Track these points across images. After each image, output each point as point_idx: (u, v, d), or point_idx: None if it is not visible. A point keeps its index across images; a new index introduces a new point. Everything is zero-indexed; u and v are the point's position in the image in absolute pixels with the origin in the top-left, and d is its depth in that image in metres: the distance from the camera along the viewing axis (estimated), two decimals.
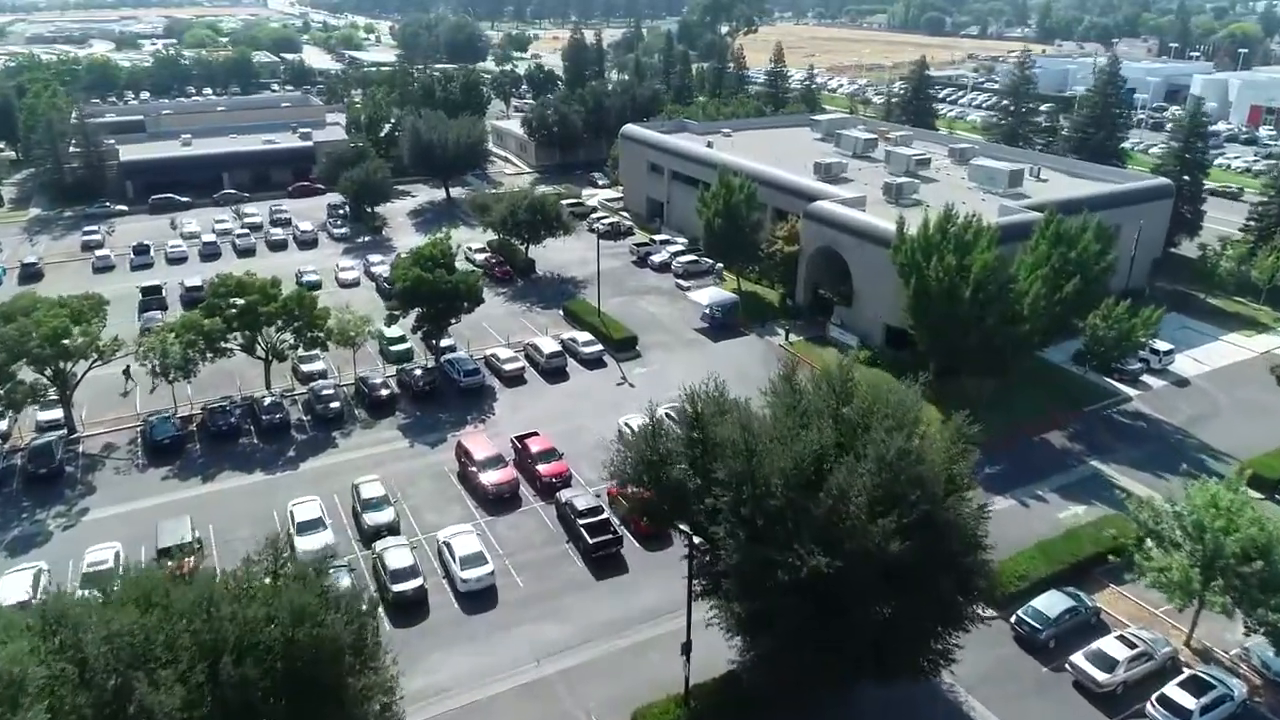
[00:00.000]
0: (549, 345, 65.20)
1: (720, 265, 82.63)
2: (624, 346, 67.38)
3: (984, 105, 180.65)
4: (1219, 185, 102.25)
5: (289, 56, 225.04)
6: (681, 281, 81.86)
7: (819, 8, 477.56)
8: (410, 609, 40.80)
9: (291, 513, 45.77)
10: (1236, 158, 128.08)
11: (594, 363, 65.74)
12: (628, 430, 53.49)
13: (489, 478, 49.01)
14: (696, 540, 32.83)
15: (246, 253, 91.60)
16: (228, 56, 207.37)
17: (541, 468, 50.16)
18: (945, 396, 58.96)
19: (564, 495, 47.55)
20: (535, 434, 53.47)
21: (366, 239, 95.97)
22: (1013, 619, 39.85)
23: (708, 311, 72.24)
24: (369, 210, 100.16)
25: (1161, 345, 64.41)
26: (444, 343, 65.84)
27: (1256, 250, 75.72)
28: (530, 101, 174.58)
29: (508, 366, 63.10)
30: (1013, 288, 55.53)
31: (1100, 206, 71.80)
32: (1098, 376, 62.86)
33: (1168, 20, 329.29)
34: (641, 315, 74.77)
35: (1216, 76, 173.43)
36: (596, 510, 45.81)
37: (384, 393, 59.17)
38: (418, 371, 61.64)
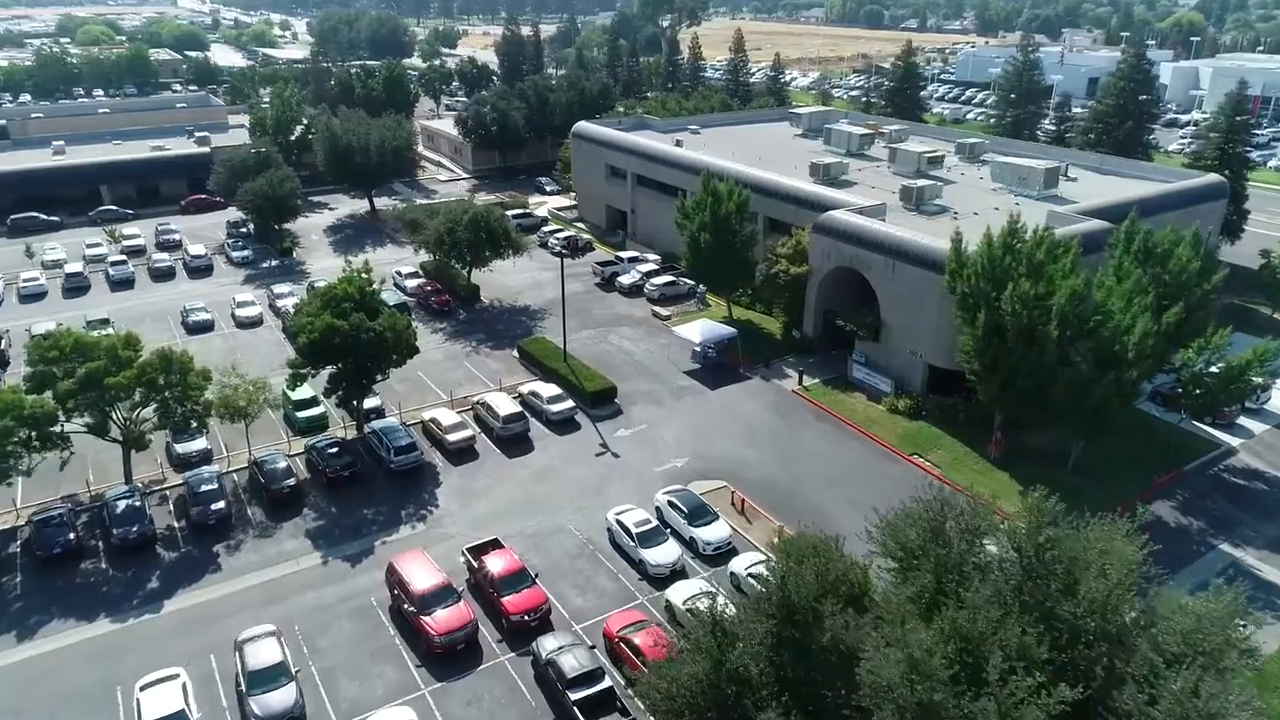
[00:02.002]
0: (505, 405, 50.71)
1: (703, 288, 69.12)
2: (601, 400, 53.34)
3: (948, 97, 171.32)
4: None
5: (194, 54, 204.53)
6: (659, 309, 68.08)
7: (754, 3, 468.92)
8: None
9: (139, 705, 30.69)
10: None
11: (564, 424, 51.54)
12: (620, 531, 39.74)
13: (436, 621, 34.48)
14: None
15: (123, 285, 74.75)
16: (121, 54, 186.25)
17: (509, 599, 35.80)
18: (1015, 459, 46.51)
19: (544, 646, 33.31)
20: (495, 544, 39.10)
21: (274, 263, 79.90)
22: None
23: (699, 349, 58.60)
24: (277, 228, 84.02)
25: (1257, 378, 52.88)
26: (367, 403, 51.00)
27: None
28: (463, 100, 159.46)
29: (453, 436, 48.49)
30: (1100, 319, 43.13)
31: (1156, 210, 60.56)
32: (1190, 423, 51.03)
33: (1105, 11, 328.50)
34: (615, 355, 60.76)
35: (1185, 65, 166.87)
36: (595, 676, 31.66)
37: (288, 484, 44.06)
38: (333, 450, 46.63)
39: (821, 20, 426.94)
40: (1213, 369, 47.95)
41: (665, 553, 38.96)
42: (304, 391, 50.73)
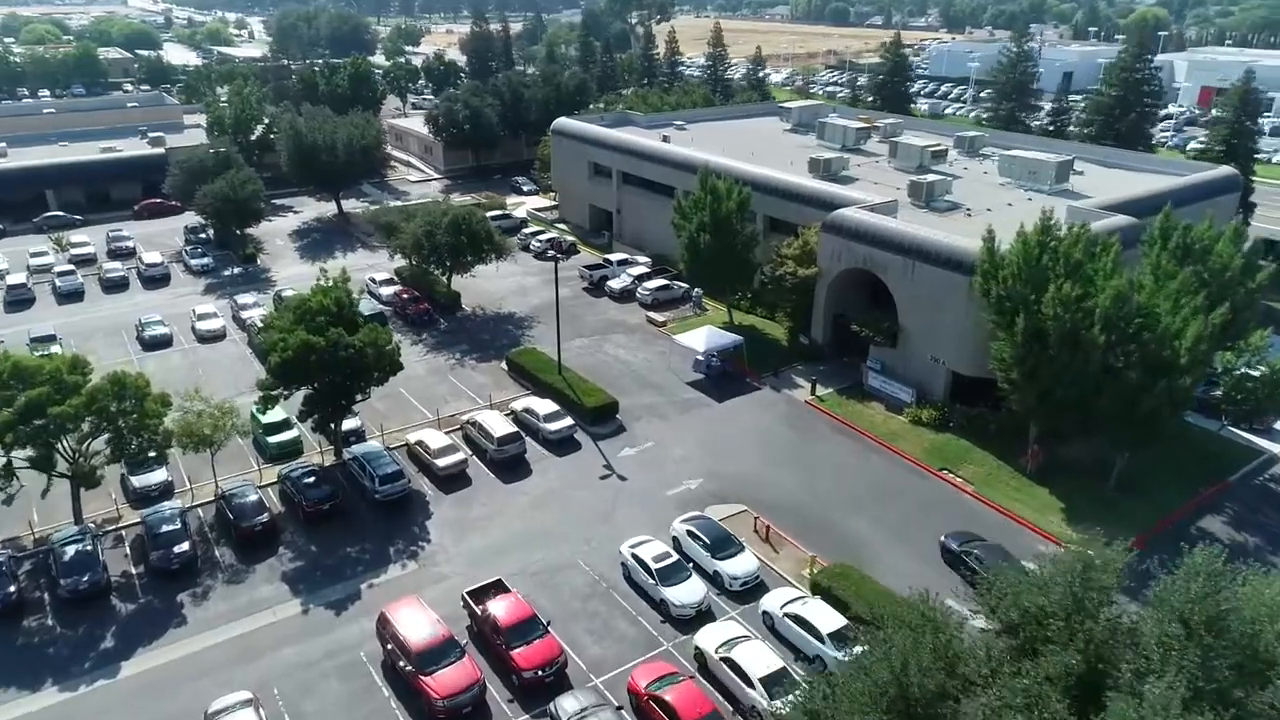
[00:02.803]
0: (499, 424, 46.37)
1: (699, 292, 65.25)
2: (601, 417, 49.24)
3: (925, 92, 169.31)
4: None
5: (145, 54, 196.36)
6: (654, 315, 64.10)
7: (719, 0, 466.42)
8: None
9: None
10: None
11: (563, 444, 47.35)
12: (637, 566, 35.75)
13: (438, 682, 30.18)
14: None
15: (71, 297, 69.03)
16: (68, 53, 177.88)
17: (519, 653, 31.58)
18: (1052, 473, 43.24)
19: (564, 709, 29.17)
20: (499, 586, 34.84)
21: (236, 271, 74.61)
22: None
23: (702, 358, 54.71)
24: (238, 233, 78.69)
25: None
26: (347, 424, 46.47)
27: None
28: (430, 98, 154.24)
29: (443, 461, 44.08)
30: (1143, 322, 39.92)
31: (1175, 204, 57.84)
32: (1229, 431, 48.16)
33: (1070, 7, 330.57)
34: (612, 366, 56.70)
35: (1159, 59, 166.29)
36: None
37: (260, 520, 39.37)
38: (310, 480, 42.00)
39: (786, 18, 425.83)
40: (1252, 372, 45.17)
41: (690, 591, 34.99)
42: (275, 414, 45.99)
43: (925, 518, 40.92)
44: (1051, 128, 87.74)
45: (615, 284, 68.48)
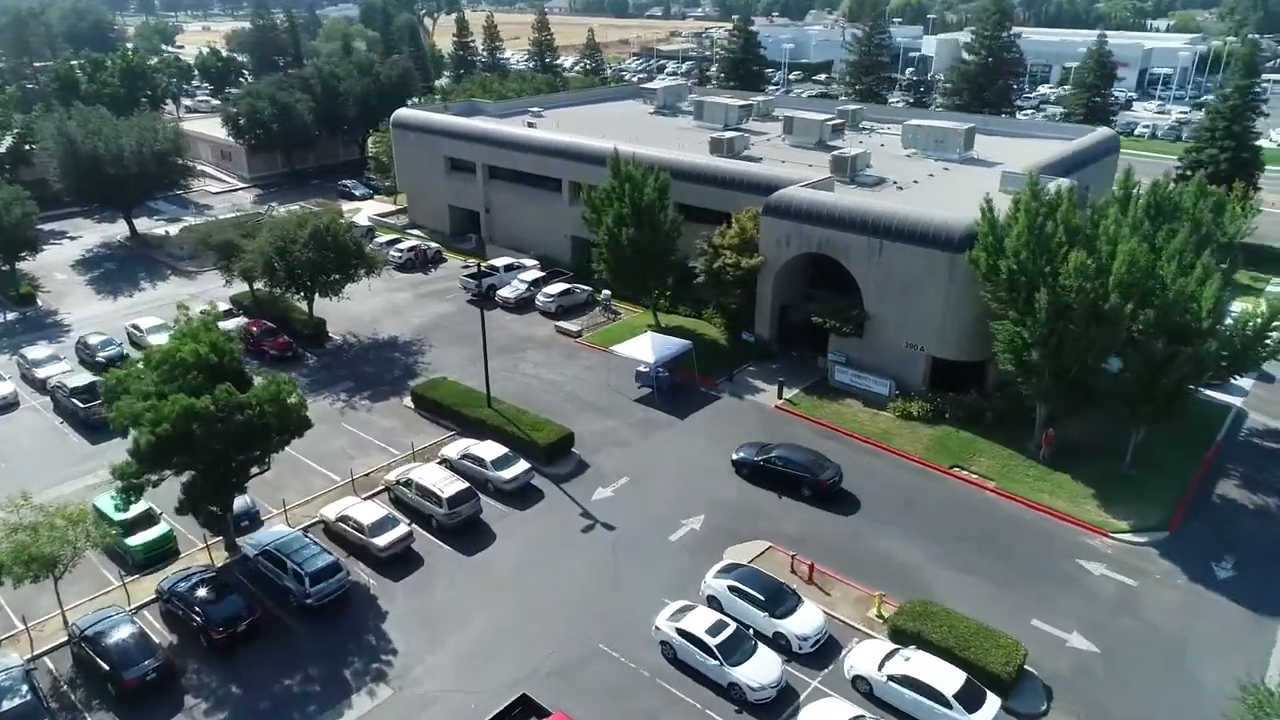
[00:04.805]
0: (443, 481, 36.84)
1: (608, 294, 57.91)
2: (558, 453, 40.95)
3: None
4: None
5: None
6: (565, 325, 56.07)
7: None
8: None
9: None
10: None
11: (522, 493, 38.70)
12: (686, 644, 28.45)
13: None
14: None
15: None
16: None
17: None
18: (1065, 457, 40.13)
19: None
20: (528, 705, 26.20)
21: (11, 317, 58.66)
22: None
23: (647, 370, 47.51)
24: (7, 269, 62.13)
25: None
26: (235, 505, 35.32)
27: None
28: (207, 99, 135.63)
29: (383, 539, 34.18)
30: (1155, 285, 37.31)
31: (1079, 165, 57.74)
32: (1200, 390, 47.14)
33: None
34: (538, 388, 48.31)
35: (947, 37, 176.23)
36: None
37: (150, 665, 28.07)
38: (205, 591, 30.89)
39: (565, 10, 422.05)
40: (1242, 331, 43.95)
41: (765, 667, 28.00)
42: (136, 507, 33.88)
43: (961, 526, 36.34)
44: (911, 100, 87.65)
45: (508, 293, 59.63)
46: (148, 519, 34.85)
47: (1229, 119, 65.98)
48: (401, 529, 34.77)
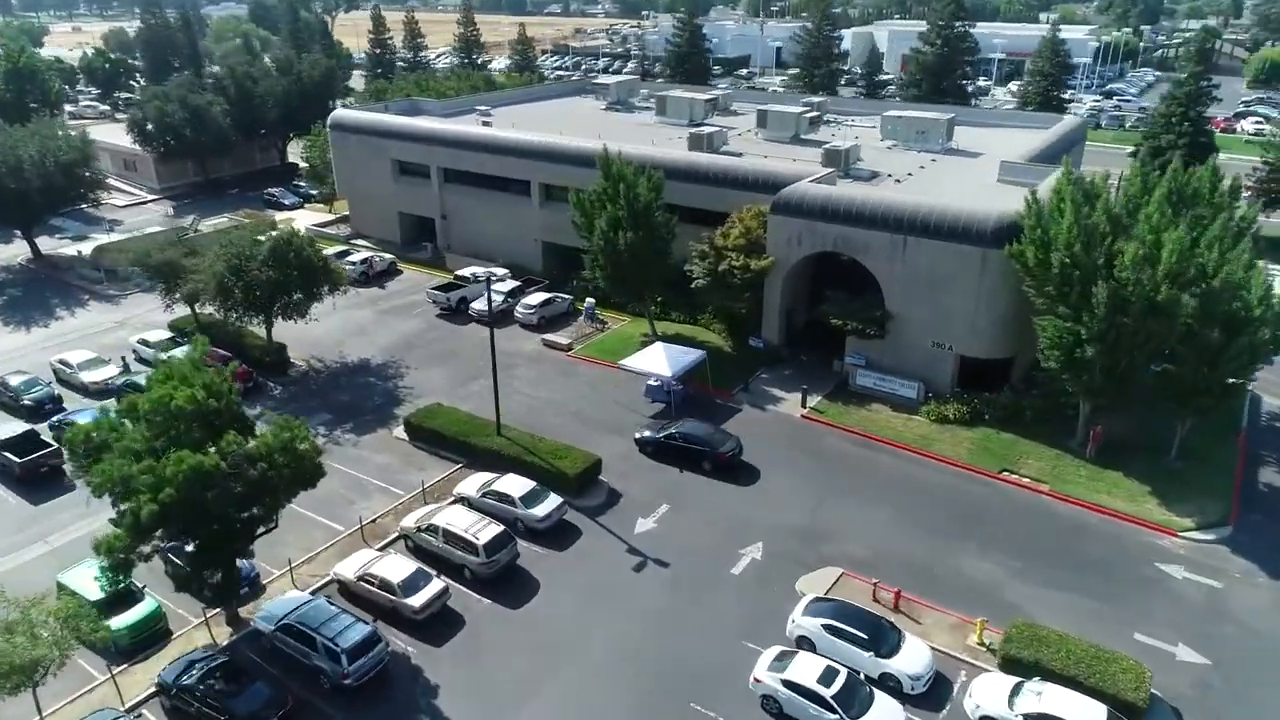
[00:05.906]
0: (478, 525, 32.60)
1: (592, 303, 54.23)
2: (587, 483, 37.22)
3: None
4: None
5: None
6: (552, 338, 52.14)
7: None
8: None
9: None
10: None
11: (557, 532, 34.83)
12: (796, 697, 25.40)
13: None
14: None
15: None
16: None
17: None
18: (1111, 454, 38.92)
19: None
20: None
21: None
22: None
23: (659, 384, 44.14)
24: None
25: None
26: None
27: None
28: (94, 105, 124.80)
29: (418, 599, 29.83)
30: (1197, 275, 36.32)
31: (1059, 155, 57.13)
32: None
33: None
34: (539, 410, 44.30)
35: (862, 30, 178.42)
36: None
37: None
38: (221, 679, 26.06)
39: (460, 9, 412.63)
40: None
41: (889, 717, 25.22)
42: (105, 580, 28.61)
43: (1028, 535, 34.49)
44: (865, 92, 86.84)
45: (479, 305, 55.20)
46: (130, 595, 29.50)
47: (1184, 104, 67.08)
48: (436, 585, 30.46)
